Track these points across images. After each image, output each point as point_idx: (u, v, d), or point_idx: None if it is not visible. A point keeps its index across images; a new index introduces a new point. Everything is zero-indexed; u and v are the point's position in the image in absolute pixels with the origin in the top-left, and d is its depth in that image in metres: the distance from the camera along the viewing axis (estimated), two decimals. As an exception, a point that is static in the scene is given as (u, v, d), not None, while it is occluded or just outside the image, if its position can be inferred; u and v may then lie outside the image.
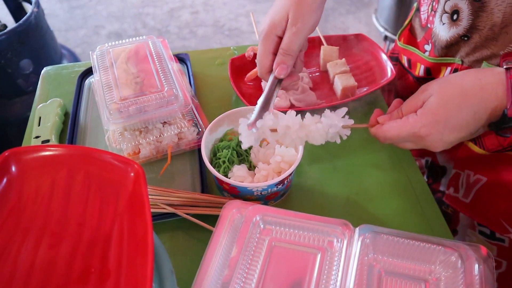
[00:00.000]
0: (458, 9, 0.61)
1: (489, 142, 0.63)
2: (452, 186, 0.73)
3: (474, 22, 0.59)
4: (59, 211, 0.45)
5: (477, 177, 0.67)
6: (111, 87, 0.64)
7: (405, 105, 0.55)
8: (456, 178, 0.71)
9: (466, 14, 0.60)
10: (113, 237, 0.44)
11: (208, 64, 0.87)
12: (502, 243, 0.69)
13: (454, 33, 0.63)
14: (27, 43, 1.41)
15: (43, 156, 0.46)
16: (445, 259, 0.49)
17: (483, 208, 0.68)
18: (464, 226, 0.74)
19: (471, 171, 0.68)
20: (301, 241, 0.53)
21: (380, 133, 0.55)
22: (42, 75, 0.87)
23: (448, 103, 0.50)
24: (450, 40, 0.64)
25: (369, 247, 0.51)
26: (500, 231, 0.67)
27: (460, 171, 0.70)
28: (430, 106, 0.51)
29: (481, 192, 0.67)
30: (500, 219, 0.66)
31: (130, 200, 0.44)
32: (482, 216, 0.69)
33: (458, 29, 0.62)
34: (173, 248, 0.60)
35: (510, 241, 0.67)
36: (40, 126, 0.73)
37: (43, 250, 0.43)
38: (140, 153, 0.66)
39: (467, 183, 0.69)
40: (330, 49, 0.83)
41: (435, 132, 0.50)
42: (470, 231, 0.73)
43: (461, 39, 0.62)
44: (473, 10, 0.59)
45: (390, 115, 0.56)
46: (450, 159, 0.73)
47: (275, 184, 0.58)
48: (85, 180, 0.46)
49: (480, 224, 0.71)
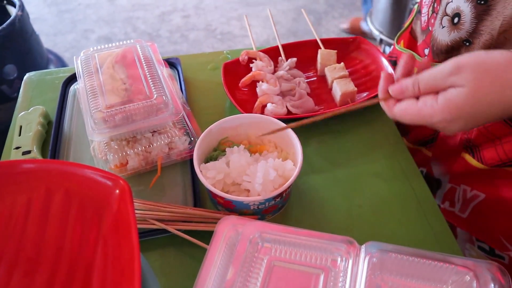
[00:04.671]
0: (459, 12, 0.57)
1: (488, 155, 0.60)
2: (447, 200, 0.70)
3: (477, 27, 0.55)
4: (35, 234, 0.40)
5: (475, 193, 0.64)
6: (96, 94, 0.60)
7: (426, 80, 0.47)
8: (451, 192, 0.68)
9: (469, 18, 0.56)
10: (96, 263, 0.39)
11: (200, 69, 0.83)
12: (502, 260, 0.65)
13: (455, 37, 0.59)
14: (11, 48, 1.36)
15: (18, 172, 0.42)
16: (458, 279, 0.46)
17: (481, 224, 0.65)
18: (463, 241, 0.71)
19: (467, 186, 0.65)
20: (303, 260, 0.49)
21: (390, 112, 0.51)
22: (24, 81, 0.83)
23: (480, 101, 0.43)
24: (451, 44, 0.60)
25: (376, 266, 0.47)
26: (499, 248, 0.64)
27: (455, 186, 0.67)
28: (457, 100, 0.44)
29: (479, 208, 0.64)
30: (499, 236, 0.63)
31: (115, 221, 0.40)
32: (480, 232, 0.66)
33: (460, 33, 0.58)
34: (163, 267, 0.56)
35: (510, 258, 0.64)
36: (21, 136, 0.68)
37: (16, 278, 0.39)
38: (128, 164, 0.62)
39: (463, 198, 0.66)
40: (327, 52, 0.79)
41: (453, 126, 0.46)
42: (469, 246, 0.70)
43: (463, 44, 0.58)
44: (477, 14, 0.54)
45: (403, 87, 0.49)
46: (445, 172, 0.70)
47: (273, 197, 0.54)
48: (65, 198, 0.41)
49: (478, 240, 0.67)
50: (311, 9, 2.70)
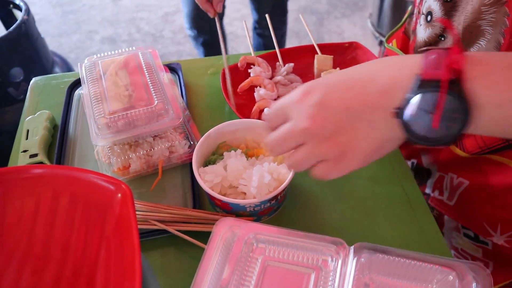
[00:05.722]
0: (431, 10, 0.61)
1: (469, 144, 0.62)
2: (437, 189, 0.72)
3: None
4: (43, 235, 0.43)
5: (460, 180, 0.67)
6: (99, 100, 0.63)
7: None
8: (440, 180, 0.71)
9: (439, 15, 0.60)
10: (100, 261, 0.42)
11: (200, 74, 0.86)
12: (486, 245, 0.68)
13: (431, 33, 0.63)
14: (17, 51, 1.39)
15: (27, 177, 0.45)
16: (442, 278, 0.48)
17: (466, 211, 0.68)
18: (450, 229, 0.74)
19: (454, 174, 0.68)
20: (295, 260, 0.52)
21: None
22: (30, 86, 0.85)
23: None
24: (428, 40, 0.64)
25: (364, 266, 0.49)
26: (483, 234, 0.67)
27: (443, 174, 0.70)
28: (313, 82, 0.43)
29: (464, 195, 0.67)
30: (483, 222, 0.66)
31: (117, 223, 0.43)
32: (465, 219, 0.69)
33: (435, 29, 0.62)
34: (164, 265, 0.58)
35: (493, 244, 0.67)
36: (28, 140, 0.71)
37: (26, 275, 0.41)
38: (130, 167, 0.64)
39: (450, 186, 0.69)
40: (324, 58, 0.81)
41: (311, 97, 0.41)
42: (456, 234, 0.73)
43: (439, 39, 0.62)
44: (446, 11, 0.58)
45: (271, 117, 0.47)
46: (433, 161, 0.73)
47: (268, 200, 0.57)
48: (71, 201, 0.44)
49: (464, 227, 0.70)
50: (313, 9, 2.71)
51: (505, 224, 0.63)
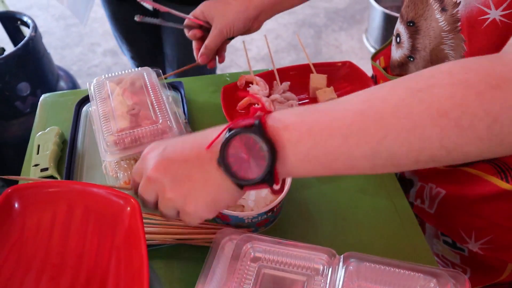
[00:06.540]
0: (399, 32, 0.68)
1: None
2: (419, 198, 0.78)
3: (414, 44, 0.65)
4: (59, 244, 0.47)
5: (438, 189, 0.72)
6: (108, 119, 0.67)
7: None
8: (421, 190, 0.76)
9: (406, 37, 0.66)
10: (111, 269, 0.46)
11: (201, 91, 0.91)
12: (462, 252, 0.73)
13: (401, 53, 0.69)
14: (24, 67, 1.44)
15: (44, 192, 0.49)
16: (425, 285, 0.52)
17: (445, 219, 0.73)
18: (431, 236, 0.79)
19: (433, 184, 0.73)
20: (290, 268, 0.56)
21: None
22: (40, 103, 0.90)
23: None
24: (400, 59, 0.70)
25: (353, 274, 0.54)
26: (459, 241, 0.72)
27: (424, 184, 0.75)
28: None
29: (442, 204, 0.72)
30: (459, 229, 0.71)
31: (127, 234, 0.47)
32: (444, 226, 0.74)
33: (403, 50, 0.68)
34: (167, 274, 0.62)
35: (469, 251, 0.72)
36: (39, 154, 0.76)
37: (44, 282, 0.46)
38: (136, 181, 0.69)
39: (430, 195, 0.74)
40: (319, 77, 0.86)
41: (154, 152, 0.47)
42: (436, 241, 0.78)
43: (408, 60, 0.68)
44: (410, 34, 0.65)
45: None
46: (415, 172, 0.78)
47: (265, 212, 0.61)
48: (84, 214, 0.49)
49: (443, 234, 0.75)
50: (311, 23, 2.77)
51: (478, 232, 0.68)
